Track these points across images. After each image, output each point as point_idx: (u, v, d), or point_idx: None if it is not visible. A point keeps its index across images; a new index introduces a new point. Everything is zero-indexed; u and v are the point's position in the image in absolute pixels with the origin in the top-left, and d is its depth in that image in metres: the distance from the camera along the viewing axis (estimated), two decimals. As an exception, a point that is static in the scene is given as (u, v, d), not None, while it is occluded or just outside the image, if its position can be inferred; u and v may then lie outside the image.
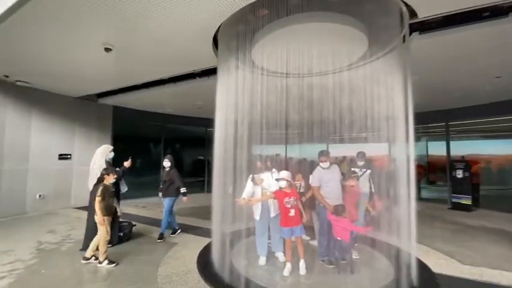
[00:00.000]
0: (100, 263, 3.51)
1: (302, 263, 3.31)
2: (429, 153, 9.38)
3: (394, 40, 3.39)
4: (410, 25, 3.28)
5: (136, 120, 9.05)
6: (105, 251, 3.52)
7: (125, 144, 8.17)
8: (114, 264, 3.53)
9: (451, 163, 7.94)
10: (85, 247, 3.86)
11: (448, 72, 4.99)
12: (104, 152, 4.26)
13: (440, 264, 3.61)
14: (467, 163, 7.52)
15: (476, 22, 3.26)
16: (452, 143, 8.35)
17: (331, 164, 3.71)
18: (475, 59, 4.31)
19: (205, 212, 6.83)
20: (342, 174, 3.82)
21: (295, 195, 3.40)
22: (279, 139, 10.59)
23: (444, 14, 3.15)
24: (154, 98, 7.31)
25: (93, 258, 3.61)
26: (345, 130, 5.70)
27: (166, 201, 4.68)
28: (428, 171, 9.30)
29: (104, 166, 4.13)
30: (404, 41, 3.36)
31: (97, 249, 3.57)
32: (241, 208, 4.14)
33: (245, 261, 3.66)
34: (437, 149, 8.83)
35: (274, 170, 3.62)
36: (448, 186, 7.98)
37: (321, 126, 7.45)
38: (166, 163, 4.78)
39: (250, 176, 3.72)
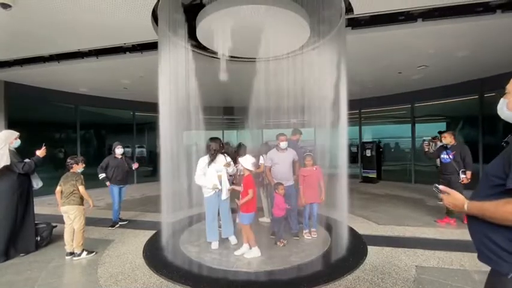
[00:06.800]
0: (78, 255, 3.32)
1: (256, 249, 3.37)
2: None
3: (333, 31, 3.70)
4: (345, 20, 3.64)
5: (40, 102, 7.35)
6: (82, 242, 3.37)
7: (28, 131, 6.55)
8: (93, 253, 3.41)
9: (362, 144, 9.47)
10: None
11: (365, 67, 5.83)
12: (7, 138, 3.37)
13: (362, 227, 4.35)
14: (374, 144, 9.12)
15: (393, 24, 3.89)
16: (363, 128, 9.94)
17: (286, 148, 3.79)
18: (386, 56, 5.18)
19: (138, 204, 6.29)
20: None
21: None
22: (216, 124, 10.48)
23: (373, 14, 3.63)
24: (67, 75, 6.07)
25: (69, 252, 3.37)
26: (279, 116, 6.03)
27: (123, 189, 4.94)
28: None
29: (7, 155, 3.27)
30: (341, 33, 3.70)
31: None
32: (191, 195, 3.98)
33: (197, 248, 3.58)
34: (350, 133, 10.33)
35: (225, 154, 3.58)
36: (360, 163, 9.53)
37: (257, 113, 7.66)
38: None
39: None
